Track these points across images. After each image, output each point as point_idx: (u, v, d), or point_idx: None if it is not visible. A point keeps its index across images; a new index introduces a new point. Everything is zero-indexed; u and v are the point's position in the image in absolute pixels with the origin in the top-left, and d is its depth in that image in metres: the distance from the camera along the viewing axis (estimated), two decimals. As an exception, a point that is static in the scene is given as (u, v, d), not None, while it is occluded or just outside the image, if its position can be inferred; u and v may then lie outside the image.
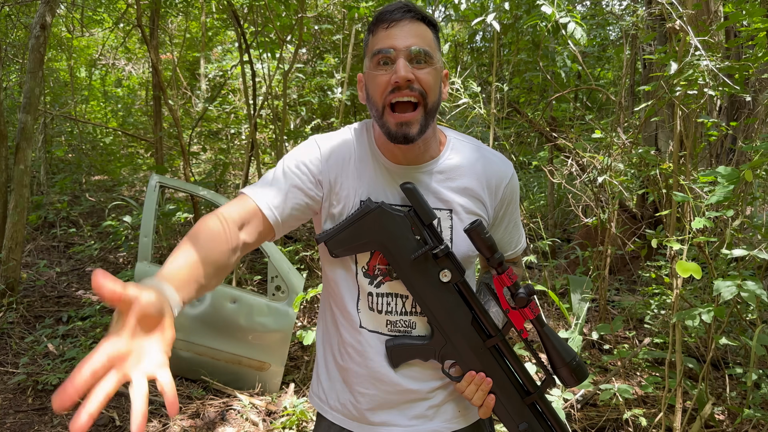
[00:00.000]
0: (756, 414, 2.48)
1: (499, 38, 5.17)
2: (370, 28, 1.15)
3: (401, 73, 1.06)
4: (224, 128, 8.30)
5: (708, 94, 2.38)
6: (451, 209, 1.18)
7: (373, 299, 1.17)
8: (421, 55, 1.09)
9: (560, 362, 1.10)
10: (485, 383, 1.13)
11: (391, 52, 1.08)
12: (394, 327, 1.18)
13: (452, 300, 1.12)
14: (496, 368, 1.14)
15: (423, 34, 1.11)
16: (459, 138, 1.26)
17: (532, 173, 9.12)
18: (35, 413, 3.27)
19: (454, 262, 1.12)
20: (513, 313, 1.11)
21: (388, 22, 1.10)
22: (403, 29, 1.10)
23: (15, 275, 4.72)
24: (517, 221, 1.31)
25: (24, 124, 4.75)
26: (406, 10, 1.11)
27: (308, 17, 4.94)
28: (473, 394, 1.13)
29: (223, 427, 3.14)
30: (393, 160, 1.17)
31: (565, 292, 4.67)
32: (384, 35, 1.10)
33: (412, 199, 1.10)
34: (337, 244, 1.13)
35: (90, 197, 8.29)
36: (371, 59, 1.12)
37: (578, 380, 1.10)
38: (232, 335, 3.48)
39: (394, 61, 1.09)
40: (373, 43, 1.12)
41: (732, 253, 2.11)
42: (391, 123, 1.09)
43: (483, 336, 1.14)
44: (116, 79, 12.08)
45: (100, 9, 9.07)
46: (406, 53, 1.08)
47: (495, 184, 1.22)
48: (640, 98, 6.03)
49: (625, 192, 3.57)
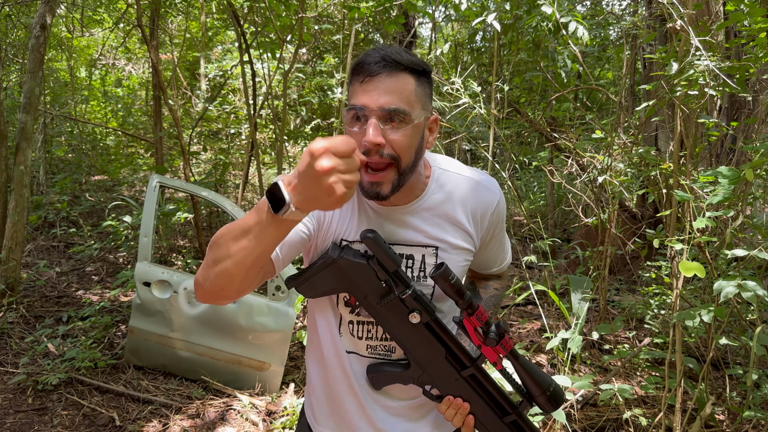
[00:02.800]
0: (756, 414, 2.48)
1: (500, 38, 5.17)
2: (351, 71, 1.09)
3: (369, 138, 1.01)
4: (224, 128, 8.30)
5: (708, 94, 2.38)
6: (437, 246, 1.18)
7: (354, 326, 1.20)
8: (396, 113, 1.02)
9: (537, 391, 1.15)
10: (462, 408, 1.16)
11: (363, 110, 1.03)
12: (374, 351, 1.22)
13: (424, 338, 1.15)
14: (473, 394, 1.18)
15: (400, 89, 1.03)
16: (444, 168, 1.23)
17: (532, 173, 9.12)
18: (35, 413, 3.26)
19: (422, 303, 1.12)
20: (485, 348, 1.13)
21: (364, 76, 1.04)
22: (378, 86, 1.02)
23: (15, 275, 4.72)
24: (503, 240, 1.31)
25: (24, 124, 4.75)
26: (384, 63, 1.03)
27: (308, 17, 4.94)
28: (452, 417, 1.17)
29: (223, 427, 3.14)
30: (376, 202, 1.16)
31: (565, 292, 4.67)
32: (359, 90, 1.04)
33: (374, 249, 1.07)
34: (307, 290, 1.15)
35: (90, 197, 8.29)
36: (347, 113, 1.07)
37: (555, 406, 1.15)
38: (232, 335, 3.48)
39: (367, 119, 1.03)
40: (350, 95, 1.08)
41: (732, 253, 2.11)
42: (364, 181, 1.07)
43: (458, 367, 1.17)
44: (116, 79, 12.09)
45: (100, 9, 9.07)
46: (378, 113, 1.02)
47: (481, 215, 1.21)
48: (640, 98, 6.03)
49: (625, 192, 3.57)
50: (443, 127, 4.69)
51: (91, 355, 3.73)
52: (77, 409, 3.31)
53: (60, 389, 3.49)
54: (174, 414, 3.25)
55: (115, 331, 4.37)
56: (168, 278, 3.53)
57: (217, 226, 7.34)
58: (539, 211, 7.97)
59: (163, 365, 3.67)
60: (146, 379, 3.63)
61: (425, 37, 10.37)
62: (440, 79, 4.41)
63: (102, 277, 5.90)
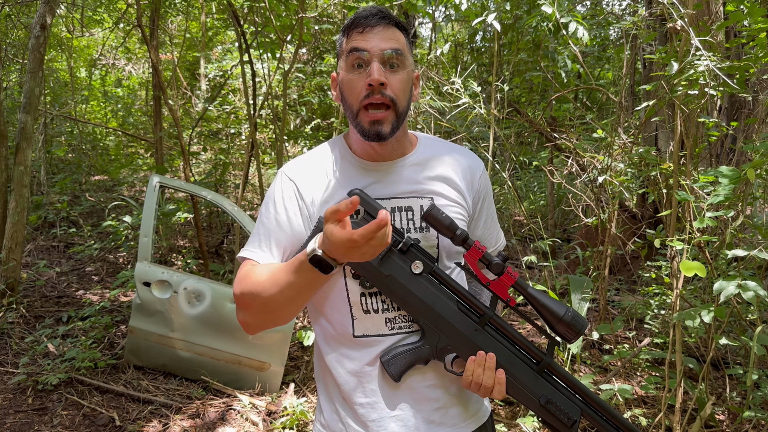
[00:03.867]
0: (756, 414, 2.48)
1: (500, 38, 5.17)
2: (343, 31, 1.18)
3: (375, 75, 1.10)
4: (224, 128, 8.29)
5: (708, 94, 2.38)
6: (432, 197, 1.20)
7: (367, 299, 1.15)
8: (394, 57, 1.13)
9: (554, 319, 1.08)
10: (488, 359, 1.10)
11: (365, 54, 1.12)
12: (395, 324, 1.16)
13: (431, 290, 1.11)
14: (497, 345, 1.11)
15: (397, 38, 1.15)
16: (430, 138, 1.31)
17: (532, 173, 9.12)
18: (35, 413, 3.26)
19: (421, 251, 1.12)
20: (494, 284, 1.10)
21: (363, 27, 1.14)
22: (377, 34, 1.13)
23: (15, 275, 4.72)
24: (494, 217, 1.34)
25: (24, 124, 4.75)
26: (381, 16, 1.15)
27: (308, 17, 4.94)
28: (481, 376, 1.09)
29: (223, 427, 3.14)
30: (369, 159, 1.21)
31: (565, 292, 4.67)
32: (358, 38, 1.14)
33: (362, 203, 1.09)
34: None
35: (90, 197, 8.29)
36: (346, 60, 1.15)
37: (577, 333, 1.08)
38: (232, 335, 3.48)
39: (368, 63, 1.12)
40: (347, 46, 1.16)
41: (732, 253, 2.11)
42: (364, 121, 1.14)
43: (474, 318, 1.12)
44: (116, 79, 12.08)
45: (100, 9, 9.07)
46: (380, 56, 1.12)
47: (470, 175, 1.26)
48: (640, 98, 6.03)
49: (625, 192, 3.57)
50: (443, 127, 4.69)
51: (91, 355, 3.73)
52: (77, 409, 3.31)
53: (60, 389, 3.48)
54: (174, 414, 3.25)
55: (115, 331, 4.37)
56: (168, 278, 3.53)
57: (218, 226, 7.34)
58: (539, 211, 7.97)
59: (163, 365, 3.67)
60: (146, 379, 3.63)
61: (425, 37, 10.38)
62: (440, 79, 4.41)
63: (102, 277, 5.90)
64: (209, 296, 3.50)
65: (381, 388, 1.16)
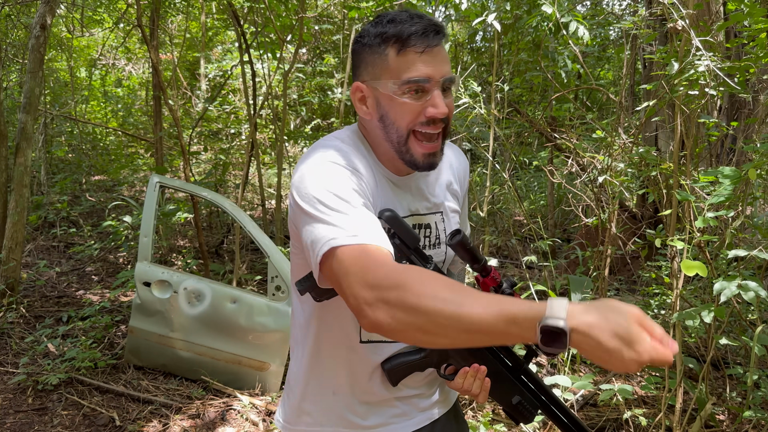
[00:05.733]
0: (756, 414, 2.48)
1: (500, 38, 5.17)
2: (390, 40, 1.02)
3: (441, 108, 1.02)
4: (224, 128, 8.30)
5: (709, 95, 2.38)
6: (442, 211, 1.22)
7: None
8: (450, 83, 1.05)
9: None
10: (481, 372, 1.15)
11: (428, 82, 1.02)
12: None
13: None
14: (488, 357, 1.18)
15: (448, 58, 1.07)
16: None
17: (532, 173, 9.11)
18: (35, 413, 3.26)
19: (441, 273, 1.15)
20: None
21: (423, 47, 1.01)
22: (436, 56, 1.02)
23: (15, 275, 4.72)
24: (467, 205, 1.37)
25: (24, 124, 4.75)
26: (437, 32, 1.02)
27: (308, 17, 4.94)
28: (471, 384, 1.15)
29: (223, 427, 3.14)
30: (395, 172, 1.15)
31: (565, 292, 4.67)
32: (418, 60, 1.01)
33: (395, 226, 1.06)
34: (323, 290, 1.05)
35: (90, 197, 8.29)
36: (400, 85, 1.02)
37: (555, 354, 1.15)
38: (232, 335, 3.48)
39: (428, 90, 1.03)
40: (400, 66, 1.02)
41: (733, 253, 2.11)
42: (417, 153, 1.06)
43: None
44: (116, 79, 12.08)
45: (100, 9, 9.07)
46: (441, 84, 1.03)
47: (463, 175, 1.29)
48: (640, 98, 6.03)
49: (625, 192, 3.57)
50: (443, 127, 4.69)
51: (91, 355, 3.72)
52: (77, 409, 3.31)
53: (60, 389, 3.48)
54: (174, 414, 3.25)
55: (115, 331, 4.37)
56: (168, 278, 3.53)
57: (218, 226, 7.35)
58: (539, 211, 7.97)
59: (163, 365, 3.67)
60: (146, 379, 3.63)
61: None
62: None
63: (102, 277, 5.90)
64: (209, 296, 3.50)
65: (378, 390, 1.21)
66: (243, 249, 5.41)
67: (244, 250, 5.40)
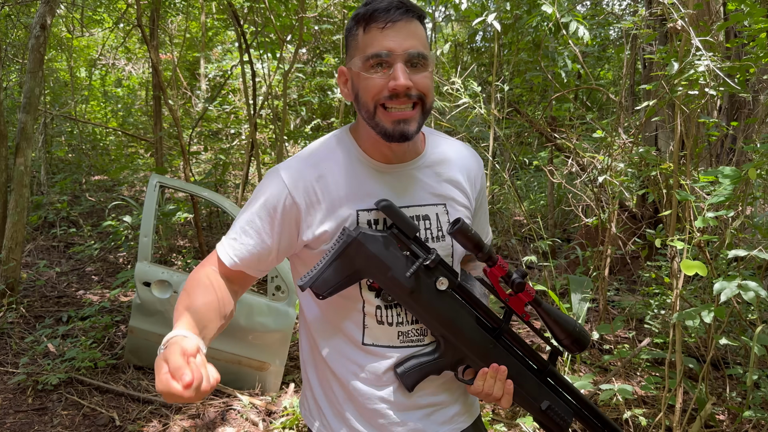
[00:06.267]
0: (756, 414, 2.48)
1: (500, 38, 5.17)
2: (359, 20, 1.07)
3: (401, 81, 1.02)
4: (224, 128, 8.30)
5: (709, 95, 2.38)
6: (446, 203, 1.17)
7: (382, 312, 1.13)
8: (419, 58, 1.05)
9: (563, 334, 1.12)
10: (501, 372, 1.12)
11: (389, 56, 1.03)
12: (406, 337, 1.15)
13: (454, 306, 1.11)
14: (508, 357, 1.14)
15: (419, 34, 1.06)
16: (433, 133, 1.26)
17: (532, 173, 9.11)
18: (35, 413, 3.26)
19: (446, 267, 1.11)
20: (512, 300, 1.12)
21: (384, 22, 1.04)
22: (400, 31, 1.04)
23: (15, 275, 4.72)
24: (486, 211, 1.32)
25: (24, 124, 4.75)
26: (404, 9, 1.04)
27: (308, 17, 4.94)
28: (492, 386, 1.11)
29: (223, 427, 3.14)
30: (383, 161, 1.14)
31: (565, 292, 4.67)
32: (379, 35, 1.04)
33: (392, 216, 1.07)
34: (323, 285, 1.07)
35: (90, 197, 8.29)
36: (364, 61, 1.05)
37: (582, 347, 1.13)
38: (232, 335, 3.48)
39: (391, 64, 1.04)
40: (365, 43, 1.06)
41: (733, 253, 2.11)
42: (386, 121, 1.06)
43: (490, 332, 1.14)
44: (116, 79, 12.08)
45: (100, 9, 9.07)
46: (404, 56, 1.03)
47: (474, 174, 1.23)
48: (640, 98, 6.03)
49: (625, 192, 3.57)
50: (443, 127, 4.69)
51: (91, 355, 3.72)
52: (77, 409, 3.31)
53: (60, 389, 3.48)
54: (174, 414, 3.25)
55: (115, 331, 4.37)
56: (168, 278, 3.53)
57: (218, 226, 7.34)
58: (539, 211, 7.97)
59: (163, 365, 3.67)
60: (146, 379, 3.63)
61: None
62: (440, 79, 4.41)
63: (102, 277, 5.90)
64: (209, 296, 3.50)
65: (393, 396, 1.16)
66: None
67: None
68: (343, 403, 1.19)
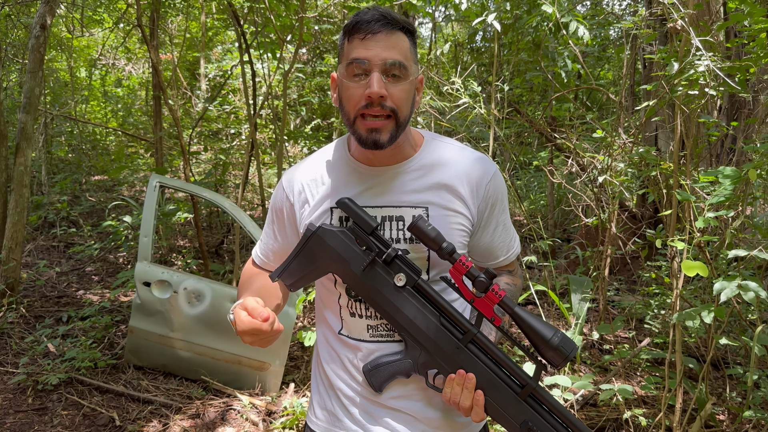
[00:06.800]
0: (756, 414, 2.48)
1: (500, 38, 5.16)
2: (346, 31, 1.12)
3: (374, 88, 1.05)
4: (224, 128, 8.29)
5: (709, 95, 2.38)
6: (428, 207, 1.15)
7: (353, 303, 1.18)
8: (396, 67, 1.07)
9: (541, 342, 1.01)
10: (468, 380, 1.06)
11: (366, 63, 1.07)
12: (376, 331, 1.17)
13: (413, 304, 1.09)
14: (478, 364, 1.07)
15: (400, 45, 1.09)
16: (438, 139, 1.24)
17: (532, 173, 9.12)
18: (35, 413, 3.26)
19: (406, 263, 1.09)
20: (478, 301, 1.05)
21: (365, 33, 1.07)
22: (379, 42, 1.07)
23: (15, 275, 4.72)
24: (507, 224, 1.26)
25: (24, 124, 4.75)
26: (385, 22, 1.08)
27: (308, 17, 4.94)
28: (459, 395, 1.06)
29: (223, 427, 3.14)
30: (367, 163, 1.18)
31: (565, 292, 4.67)
32: (360, 45, 1.08)
33: (348, 212, 1.11)
34: (288, 277, 1.16)
35: (90, 197, 8.29)
36: (346, 67, 1.10)
37: (564, 358, 1.01)
38: (232, 335, 3.48)
39: (368, 73, 1.07)
40: (347, 51, 1.10)
41: (733, 253, 2.11)
42: (362, 129, 1.09)
43: (457, 335, 1.08)
44: (116, 79, 12.08)
45: (100, 9, 9.07)
46: (381, 66, 1.07)
47: (476, 181, 1.17)
48: (640, 98, 6.03)
49: (625, 192, 3.57)
50: (443, 127, 4.69)
51: (91, 355, 3.73)
52: (77, 409, 3.31)
53: (60, 389, 3.48)
54: (174, 414, 3.25)
55: (115, 331, 4.37)
56: (168, 278, 3.53)
57: (218, 226, 7.34)
58: (539, 211, 7.97)
59: (163, 365, 3.67)
60: (146, 379, 3.63)
61: (425, 37, 10.38)
62: (440, 79, 4.40)
63: (102, 277, 5.90)
64: (209, 296, 3.50)
65: (365, 391, 1.19)
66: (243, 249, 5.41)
67: (244, 250, 5.41)
68: (327, 389, 1.26)
